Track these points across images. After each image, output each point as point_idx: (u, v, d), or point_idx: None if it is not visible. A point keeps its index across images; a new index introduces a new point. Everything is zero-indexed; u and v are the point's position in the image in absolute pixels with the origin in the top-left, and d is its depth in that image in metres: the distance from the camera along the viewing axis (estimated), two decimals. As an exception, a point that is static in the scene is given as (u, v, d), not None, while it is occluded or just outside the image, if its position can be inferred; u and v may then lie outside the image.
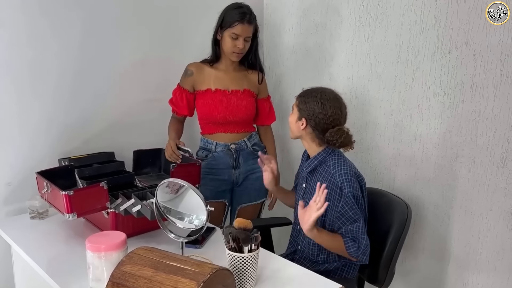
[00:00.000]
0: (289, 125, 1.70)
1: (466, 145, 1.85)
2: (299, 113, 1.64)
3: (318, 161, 1.66)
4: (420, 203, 2.03)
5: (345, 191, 1.56)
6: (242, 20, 1.91)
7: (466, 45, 1.78)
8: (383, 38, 2.03)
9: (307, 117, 1.61)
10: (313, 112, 1.59)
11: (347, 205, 1.56)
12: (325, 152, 1.65)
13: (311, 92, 1.64)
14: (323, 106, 1.59)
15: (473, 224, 1.89)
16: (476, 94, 1.79)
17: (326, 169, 1.63)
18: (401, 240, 1.73)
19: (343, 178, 1.57)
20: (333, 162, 1.62)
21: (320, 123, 1.60)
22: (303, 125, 1.63)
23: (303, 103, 1.63)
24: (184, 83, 2.05)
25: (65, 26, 1.86)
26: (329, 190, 1.53)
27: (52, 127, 1.89)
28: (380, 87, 2.08)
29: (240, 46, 1.93)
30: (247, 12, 1.94)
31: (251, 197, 2.17)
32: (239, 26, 1.91)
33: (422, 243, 2.07)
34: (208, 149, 2.10)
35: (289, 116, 1.71)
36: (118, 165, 1.84)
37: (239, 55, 1.98)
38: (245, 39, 1.94)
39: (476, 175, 1.84)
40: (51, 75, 1.86)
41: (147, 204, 1.40)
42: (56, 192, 1.46)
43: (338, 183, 1.57)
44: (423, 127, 1.97)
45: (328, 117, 1.59)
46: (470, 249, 1.92)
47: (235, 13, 1.93)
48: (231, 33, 1.93)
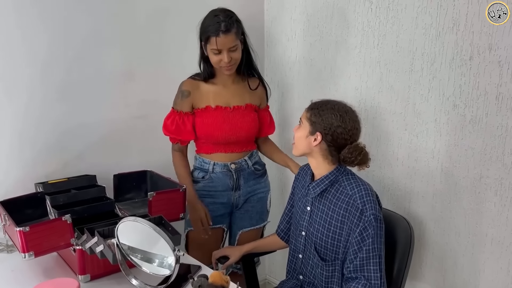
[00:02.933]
0: (295, 141, 1.50)
1: (492, 164, 1.62)
2: (311, 126, 1.43)
3: (330, 181, 1.46)
4: (438, 228, 1.80)
5: (366, 213, 1.37)
6: (216, 32, 1.65)
7: (489, 51, 1.55)
8: (394, 44, 1.82)
9: (323, 131, 1.41)
10: (331, 126, 1.39)
11: (365, 231, 1.37)
12: (337, 171, 1.46)
13: (325, 104, 1.44)
14: (342, 119, 1.40)
15: (501, 255, 1.65)
16: (503, 106, 1.56)
17: (340, 190, 1.44)
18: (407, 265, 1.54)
19: (365, 200, 1.38)
20: (349, 182, 1.44)
21: (339, 138, 1.40)
22: (316, 140, 1.42)
23: (317, 116, 1.42)
24: (182, 106, 1.81)
25: (40, 37, 1.69)
26: (347, 213, 1.40)
27: (26, 148, 1.72)
28: (392, 98, 1.87)
29: (225, 60, 1.70)
30: (221, 20, 1.66)
31: (253, 220, 1.98)
32: (215, 40, 1.66)
33: (442, 274, 1.83)
34: (205, 170, 1.89)
35: (295, 130, 1.50)
36: (98, 191, 1.65)
37: (230, 68, 1.76)
38: (230, 50, 1.70)
39: (504, 198, 1.61)
40: (23, 91, 1.69)
41: (111, 244, 1.20)
42: (12, 227, 1.27)
43: (359, 206, 1.38)
44: (441, 144, 1.74)
45: (348, 131, 1.40)
46: (499, 283, 1.67)
47: (208, 25, 1.69)
48: (211, 49, 1.70)
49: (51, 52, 1.72)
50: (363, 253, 1.37)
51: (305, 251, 1.55)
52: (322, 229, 1.46)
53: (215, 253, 1.80)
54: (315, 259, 1.51)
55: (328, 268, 1.46)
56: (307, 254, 1.54)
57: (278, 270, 2.52)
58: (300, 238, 1.56)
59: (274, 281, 2.60)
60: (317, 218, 1.49)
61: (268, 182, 2.03)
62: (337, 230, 1.43)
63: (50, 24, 1.70)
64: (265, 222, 2.04)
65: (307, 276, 1.56)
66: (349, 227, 1.39)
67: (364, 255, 1.37)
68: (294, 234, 1.64)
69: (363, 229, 1.37)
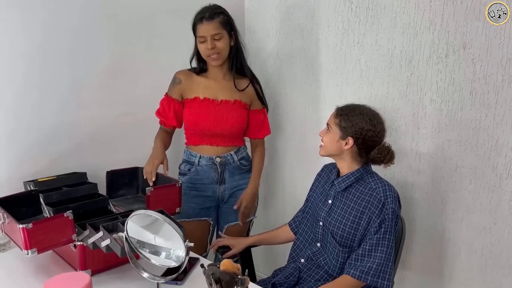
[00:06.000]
0: (325, 144, 1.58)
1: (467, 155, 1.73)
2: (341, 132, 1.52)
3: (355, 178, 1.56)
4: (417, 216, 1.91)
5: (387, 206, 1.47)
6: (200, 20, 1.77)
7: (464, 49, 1.66)
8: (374, 42, 1.91)
9: (355, 136, 1.50)
10: (361, 130, 1.49)
11: (383, 222, 1.47)
12: (363, 170, 1.56)
13: (353, 110, 1.54)
14: (371, 123, 1.50)
15: (475, 239, 1.77)
16: (476, 101, 1.67)
17: (365, 185, 1.54)
18: (398, 252, 1.63)
19: (387, 194, 1.49)
20: (374, 179, 1.55)
21: (369, 140, 1.51)
22: (348, 144, 1.52)
23: (347, 121, 1.51)
24: (172, 92, 1.90)
25: (27, 36, 1.67)
26: (368, 204, 1.50)
27: (13, 146, 1.70)
28: (372, 94, 1.96)
29: (209, 47, 1.77)
30: (207, 10, 1.79)
31: (239, 215, 2.01)
32: (199, 27, 1.78)
33: (421, 260, 1.94)
34: (191, 162, 1.94)
35: (323, 134, 1.59)
36: (90, 188, 1.66)
37: (216, 58, 1.81)
38: (214, 38, 1.78)
39: (477, 186, 1.73)
40: (9, 89, 1.67)
41: (118, 237, 1.22)
42: (13, 224, 1.27)
43: (382, 198, 1.48)
44: (419, 137, 1.85)
45: (377, 134, 1.51)
46: (473, 266, 1.80)
47: (196, 14, 1.81)
48: (198, 38, 1.81)
49: (38, 51, 1.71)
50: (374, 240, 1.47)
51: (323, 240, 1.63)
52: (341, 218, 1.55)
53: (218, 241, 1.85)
54: (331, 246, 1.59)
55: (344, 255, 1.55)
56: (325, 242, 1.62)
57: (261, 262, 2.58)
58: (318, 228, 1.64)
59: (261, 275, 2.65)
60: (337, 210, 1.58)
61: None
62: (356, 220, 1.51)
63: (37, 23, 1.69)
64: (252, 217, 2.08)
65: (312, 260, 1.64)
66: (369, 217, 1.49)
67: (374, 241, 1.46)
68: (310, 225, 1.71)
69: (382, 220, 1.47)
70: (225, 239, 1.86)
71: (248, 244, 1.82)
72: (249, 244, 1.82)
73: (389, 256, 1.47)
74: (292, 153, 2.36)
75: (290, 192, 2.44)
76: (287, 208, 2.46)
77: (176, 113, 1.90)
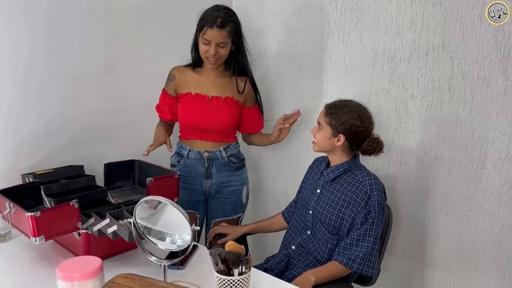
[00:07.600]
0: (317, 141, 1.67)
1: (445, 147, 1.85)
2: (332, 129, 1.61)
3: (344, 169, 1.65)
4: (400, 206, 2.02)
5: (372, 198, 1.57)
6: (211, 24, 1.77)
7: (442, 48, 1.78)
8: (358, 41, 2.01)
9: (345, 132, 1.59)
10: (351, 127, 1.58)
11: (369, 214, 1.57)
12: (352, 162, 1.66)
13: (341, 107, 1.62)
14: (360, 119, 1.59)
15: (453, 226, 1.89)
16: (454, 96, 1.79)
17: (352, 177, 1.63)
18: (385, 241, 1.74)
19: (373, 187, 1.58)
20: (361, 172, 1.64)
21: (360, 135, 1.60)
22: (340, 141, 1.61)
23: (336, 119, 1.60)
24: (167, 88, 1.99)
25: (23, 31, 1.71)
26: (354, 195, 1.59)
27: (10, 139, 1.74)
28: (356, 90, 2.06)
29: (211, 52, 1.81)
30: (220, 16, 1.78)
31: (226, 212, 2.07)
32: (208, 31, 1.78)
33: (403, 246, 2.06)
34: (181, 155, 2.01)
35: (315, 132, 1.67)
36: (88, 180, 1.71)
37: (214, 62, 1.87)
38: (218, 45, 1.81)
39: (455, 176, 1.85)
40: (6, 84, 1.70)
41: (124, 224, 1.28)
42: (21, 213, 1.31)
43: (368, 191, 1.58)
44: (400, 130, 1.96)
45: (366, 128, 1.60)
46: (451, 251, 1.92)
47: (207, 15, 1.81)
48: (202, 39, 1.82)
49: (34, 46, 1.75)
50: (361, 230, 1.57)
51: (313, 228, 1.72)
52: (329, 207, 1.64)
53: (215, 229, 1.93)
54: (320, 233, 1.68)
55: (332, 242, 1.64)
56: (314, 230, 1.71)
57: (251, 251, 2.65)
58: (308, 217, 1.73)
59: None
60: (325, 199, 1.67)
61: (244, 176, 2.11)
62: (342, 209, 1.61)
63: (33, 19, 1.73)
64: (239, 214, 2.12)
65: (302, 247, 1.73)
66: (355, 208, 1.58)
67: (362, 231, 1.56)
68: (300, 214, 1.79)
69: (367, 211, 1.57)
70: (221, 227, 1.94)
71: (244, 232, 1.91)
72: (245, 232, 1.91)
73: (375, 246, 1.57)
74: (279, 148, 2.45)
75: (278, 185, 2.52)
76: (274, 202, 2.54)
77: (171, 108, 1.97)
